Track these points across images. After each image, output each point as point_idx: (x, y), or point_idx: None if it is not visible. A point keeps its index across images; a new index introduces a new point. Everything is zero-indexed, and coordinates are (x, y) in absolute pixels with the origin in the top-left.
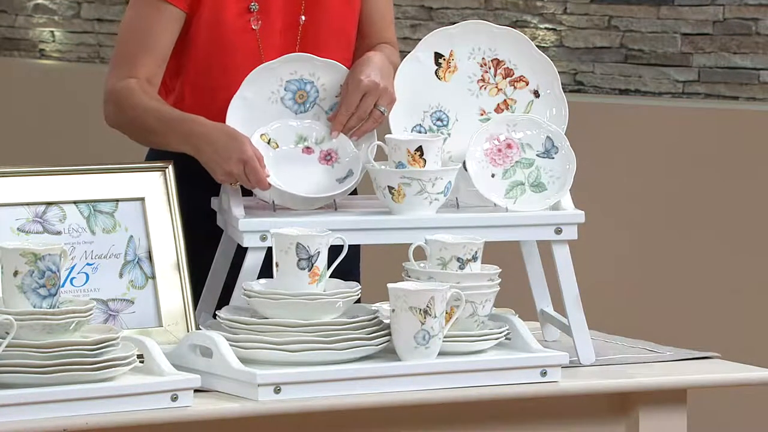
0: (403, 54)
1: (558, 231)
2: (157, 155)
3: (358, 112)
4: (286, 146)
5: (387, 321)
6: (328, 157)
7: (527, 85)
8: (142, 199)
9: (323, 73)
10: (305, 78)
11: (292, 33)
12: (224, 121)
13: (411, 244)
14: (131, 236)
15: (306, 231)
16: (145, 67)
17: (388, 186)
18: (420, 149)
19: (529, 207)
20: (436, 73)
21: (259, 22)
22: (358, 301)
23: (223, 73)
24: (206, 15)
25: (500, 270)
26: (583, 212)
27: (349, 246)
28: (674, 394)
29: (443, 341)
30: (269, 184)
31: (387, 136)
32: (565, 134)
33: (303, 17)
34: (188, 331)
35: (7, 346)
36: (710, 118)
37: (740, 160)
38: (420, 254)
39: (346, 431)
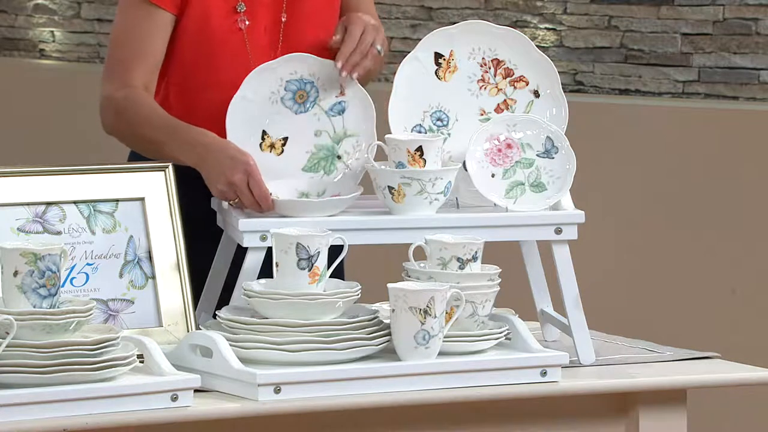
0: (403, 54)
1: (558, 231)
2: (139, 156)
3: (360, 47)
4: (289, 197)
5: (387, 321)
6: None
7: (527, 85)
8: (142, 199)
9: (323, 73)
10: (305, 78)
11: (275, 31)
12: (214, 122)
13: (411, 244)
14: (131, 236)
15: (306, 231)
16: (140, 74)
17: (388, 186)
18: (420, 149)
19: (529, 207)
20: (436, 73)
21: (246, 22)
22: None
23: (210, 74)
24: (193, 16)
25: (500, 270)
26: (583, 212)
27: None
28: (674, 394)
29: (443, 341)
30: (272, 202)
31: (387, 136)
32: (565, 134)
33: (284, 16)
34: (188, 331)
35: (7, 346)
36: (710, 118)
37: (740, 160)
38: (420, 254)
39: (346, 431)
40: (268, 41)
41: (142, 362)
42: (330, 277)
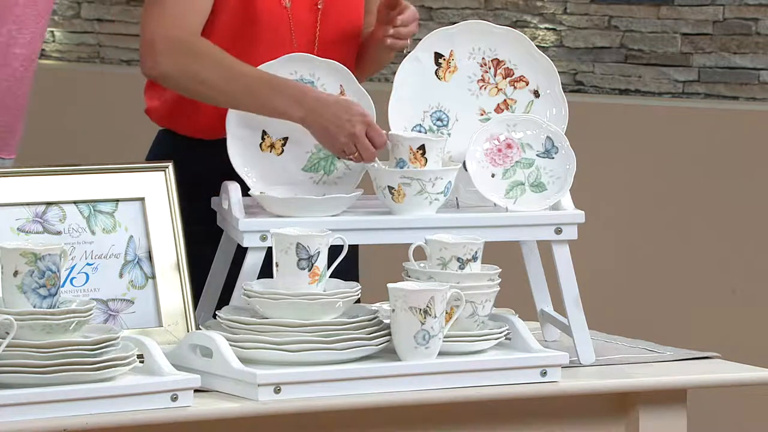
0: (404, 54)
1: (558, 231)
2: (157, 155)
3: (404, 30)
4: (289, 197)
5: (387, 321)
6: None
7: (527, 85)
8: (142, 199)
9: (323, 73)
10: (305, 78)
11: (313, 17)
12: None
13: (411, 244)
14: (131, 236)
15: (306, 231)
16: (193, 27)
17: (388, 186)
18: (422, 148)
19: (529, 207)
20: (436, 73)
21: (290, 1)
22: (358, 301)
23: (251, 56)
24: None
25: (500, 270)
26: (583, 212)
27: (349, 246)
28: (674, 394)
29: (443, 341)
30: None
31: (390, 132)
32: (565, 134)
33: (321, 2)
34: (188, 331)
35: (7, 346)
36: (710, 118)
37: (740, 160)
38: (420, 254)
39: (346, 431)
40: (309, 22)
41: (142, 362)
42: (341, 276)
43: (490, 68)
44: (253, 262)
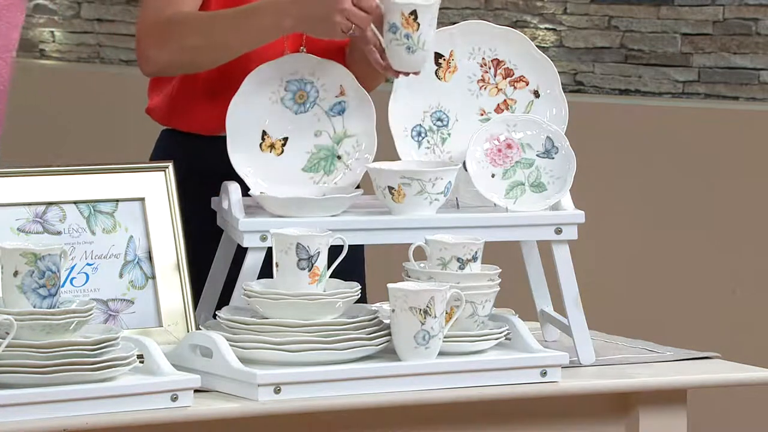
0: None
1: (558, 231)
2: (160, 155)
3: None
4: (289, 197)
5: (387, 321)
6: None
7: (527, 85)
8: (142, 199)
9: (323, 73)
10: (305, 78)
11: None
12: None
13: (411, 244)
14: (131, 236)
15: (306, 231)
16: (187, 7)
17: (388, 186)
18: (414, 13)
19: (529, 207)
20: (436, 73)
21: None
22: (362, 301)
23: (242, 59)
24: None
25: (500, 270)
26: (583, 212)
27: (352, 247)
28: (674, 394)
29: (443, 341)
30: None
31: None
32: (565, 134)
33: None
34: (188, 331)
35: (7, 346)
36: (710, 118)
37: (740, 160)
38: (420, 254)
39: (346, 431)
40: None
41: (142, 362)
42: (346, 277)
43: (490, 68)
44: (253, 262)
